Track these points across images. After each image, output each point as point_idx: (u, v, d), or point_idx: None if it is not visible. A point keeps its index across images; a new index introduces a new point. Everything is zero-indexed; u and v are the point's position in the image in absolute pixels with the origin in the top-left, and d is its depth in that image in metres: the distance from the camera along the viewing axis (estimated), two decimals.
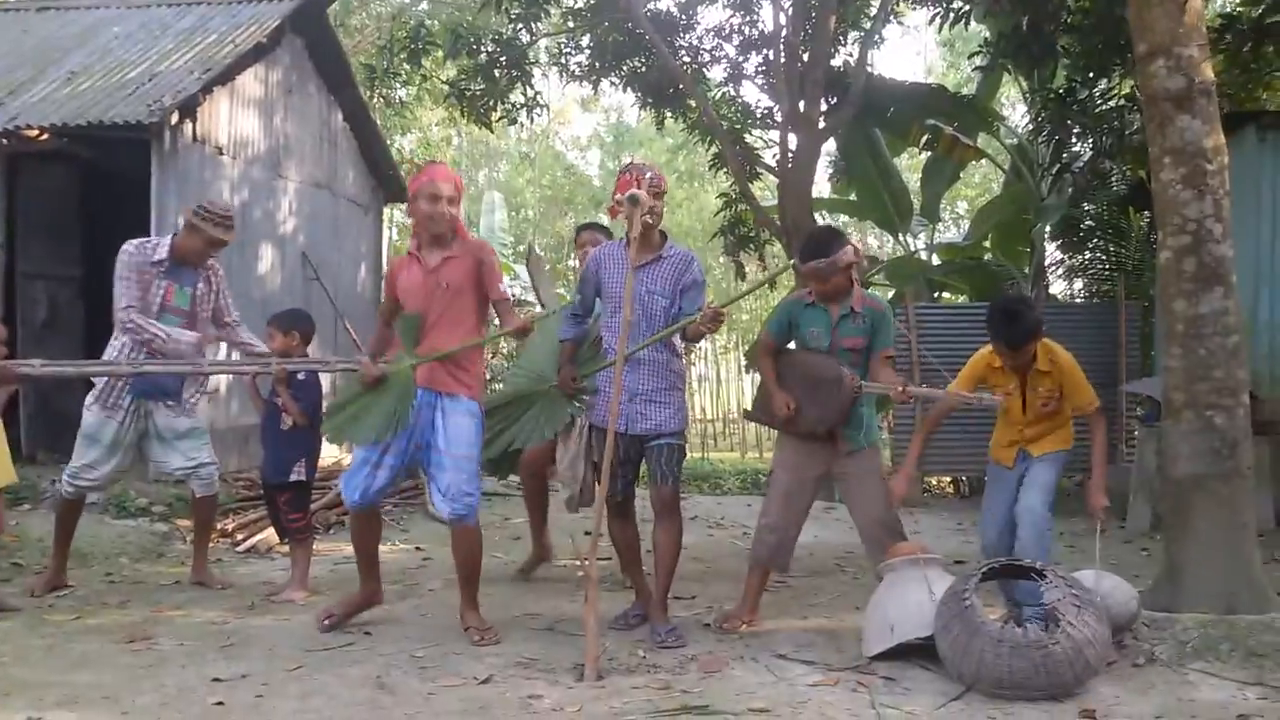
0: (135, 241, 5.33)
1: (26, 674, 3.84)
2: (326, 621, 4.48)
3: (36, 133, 8.28)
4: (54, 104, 8.71)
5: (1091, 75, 9.83)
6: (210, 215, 5.27)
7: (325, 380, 5.85)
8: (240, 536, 6.67)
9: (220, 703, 3.52)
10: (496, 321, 4.95)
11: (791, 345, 4.76)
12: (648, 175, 4.43)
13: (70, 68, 9.47)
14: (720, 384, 25.45)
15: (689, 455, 4.77)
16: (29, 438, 8.41)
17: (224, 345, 8.76)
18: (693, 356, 5.08)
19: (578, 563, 5.99)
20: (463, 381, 4.38)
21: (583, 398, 4.81)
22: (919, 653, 3.98)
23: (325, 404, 5.08)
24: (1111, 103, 10.15)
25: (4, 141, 8.39)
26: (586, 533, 5.58)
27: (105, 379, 5.21)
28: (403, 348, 4.44)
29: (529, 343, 5.28)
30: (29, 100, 8.83)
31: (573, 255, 30.36)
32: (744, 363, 18.86)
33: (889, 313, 4.61)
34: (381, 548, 6.53)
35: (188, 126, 8.67)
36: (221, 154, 9.20)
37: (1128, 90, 9.87)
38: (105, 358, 5.22)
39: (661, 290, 4.48)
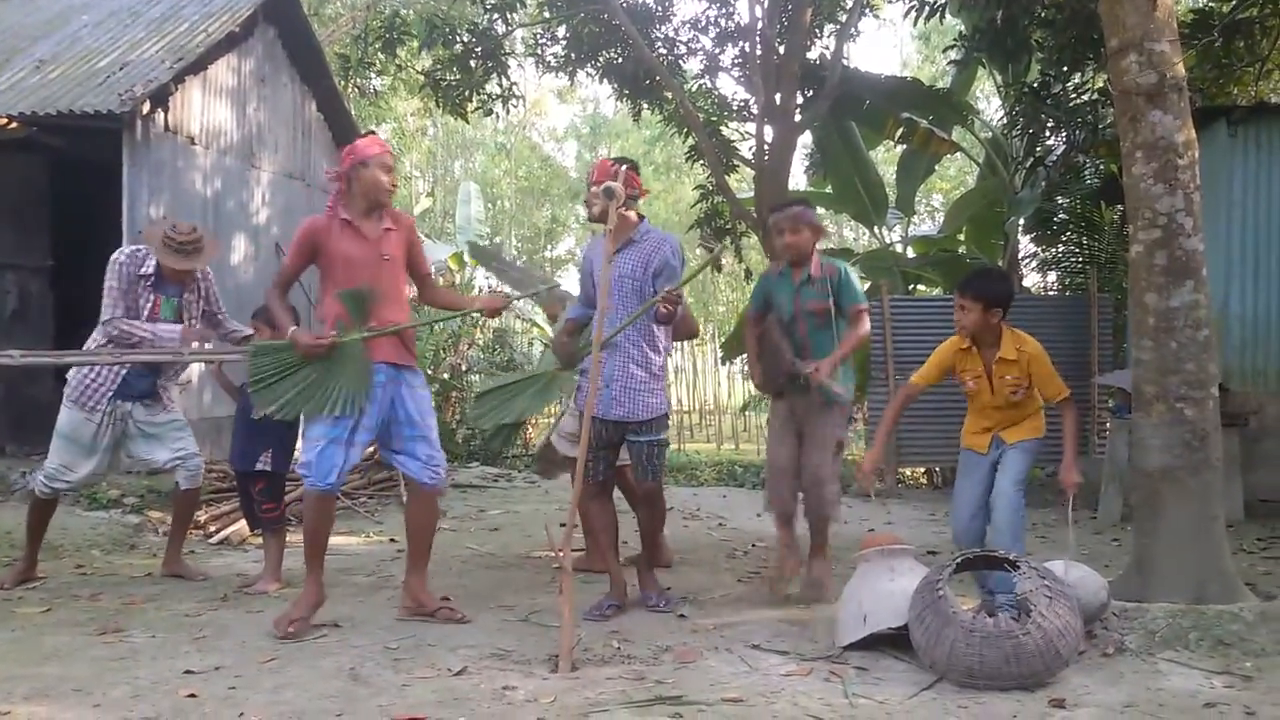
0: (127, 250, 5.28)
1: None
2: (291, 629, 4.24)
3: (5, 121, 8.19)
4: (22, 92, 8.62)
5: (1065, 70, 9.90)
6: (168, 241, 5.15)
7: None
8: (213, 528, 6.63)
9: (193, 695, 3.49)
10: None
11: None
12: (622, 168, 4.54)
13: (39, 56, 9.37)
14: (697, 375, 25.49)
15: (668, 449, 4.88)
16: None
17: None
18: (666, 348, 5.10)
19: (552, 554, 6.02)
20: (413, 353, 4.49)
21: (576, 373, 4.98)
22: (891, 642, 4.00)
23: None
24: (1085, 97, 10.22)
25: None
26: (561, 524, 5.59)
27: (84, 379, 5.16)
28: (348, 320, 4.30)
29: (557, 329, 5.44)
30: None
31: (550, 247, 30.25)
32: (720, 354, 18.89)
33: (846, 271, 4.94)
34: (355, 539, 6.55)
35: (159, 116, 8.60)
36: (194, 144, 9.13)
37: (1101, 85, 9.94)
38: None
39: (632, 274, 4.56)
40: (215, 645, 4.13)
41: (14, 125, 8.21)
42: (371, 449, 5.27)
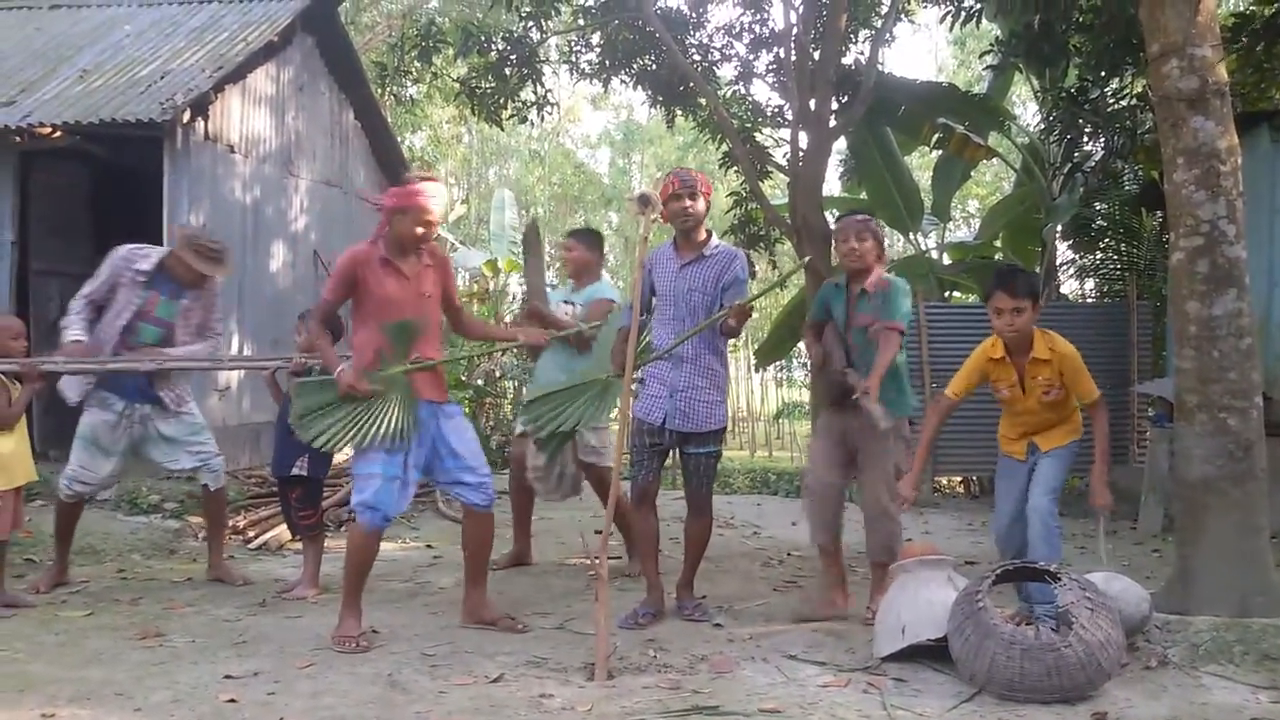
0: (129, 246, 5.36)
1: (40, 670, 3.85)
2: (346, 645, 4.21)
3: (49, 130, 8.31)
4: (66, 102, 8.75)
5: (1103, 75, 9.79)
6: (200, 248, 5.24)
7: None
8: (252, 534, 6.69)
9: (232, 700, 3.52)
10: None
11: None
12: (685, 178, 4.63)
13: (82, 65, 9.51)
14: (730, 383, 25.43)
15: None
16: (40, 434, 8.44)
17: (234, 341, 8.83)
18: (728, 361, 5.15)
19: (588, 561, 6.03)
20: (445, 388, 4.55)
21: (637, 382, 4.88)
22: (930, 654, 3.97)
23: None
24: (1123, 102, 10.11)
25: (17, 139, 8.42)
26: (597, 531, 5.59)
27: (92, 379, 5.23)
28: (390, 354, 4.33)
29: (604, 332, 5.31)
30: (41, 98, 8.88)
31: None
32: (753, 362, 18.83)
33: (898, 288, 4.76)
34: (392, 545, 6.58)
35: (200, 124, 8.71)
36: (233, 152, 9.23)
37: (1140, 90, 9.84)
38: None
39: (703, 288, 4.64)
40: (254, 650, 4.16)
41: (58, 134, 8.33)
42: None
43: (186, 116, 8.43)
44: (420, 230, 4.31)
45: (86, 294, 5.28)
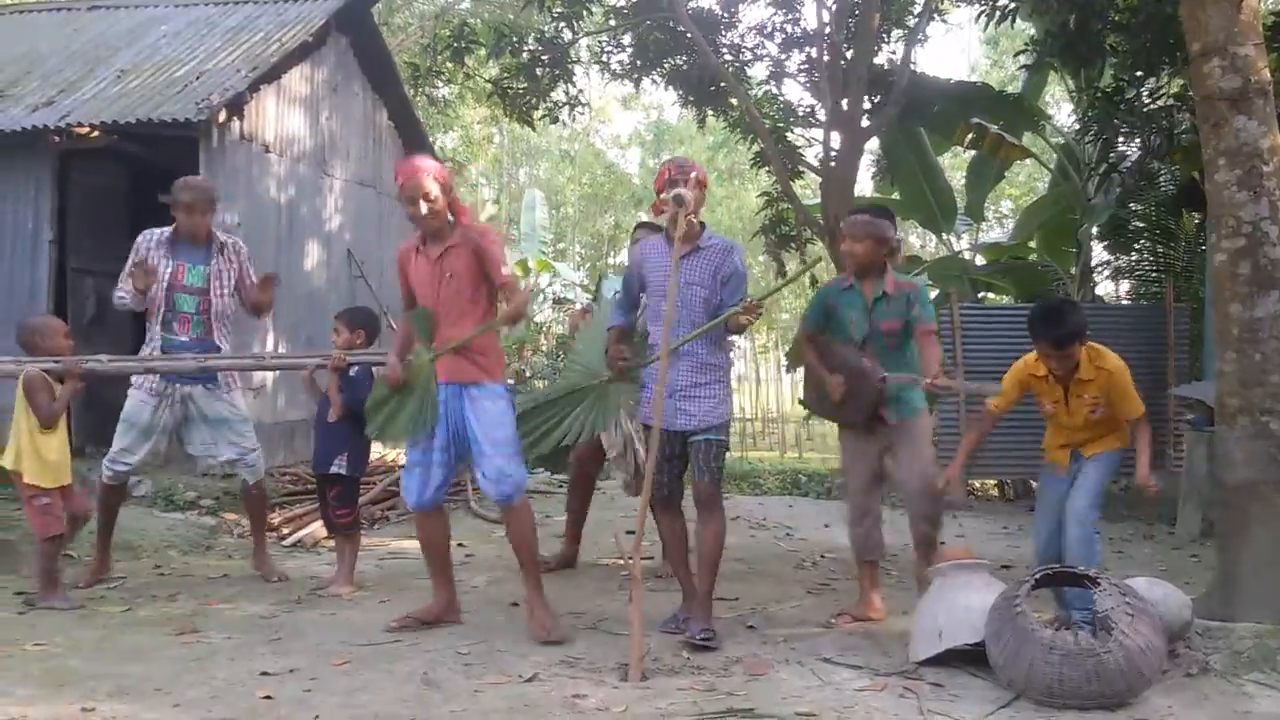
0: (149, 230, 5.50)
1: (79, 665, 3.89)
2: (395, 624, 4.46)
3: (87, 130, 8.40)
4: (104, 102, 8.84)
5: (1140, 74, 9.68)
6: (177, 190, 5.42)
7: None
8: (286, 531, 6.73)
9: (269, 697, 3.54)
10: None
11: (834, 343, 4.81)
12: (691, 173, 4.41)
13: (120, 66, 9.61)
14: (759, 384, 25.40)
15: (728, 454, 4.70)
16: (79, 430, 8.54)
17: (269, 339, 8.89)
18: (731, 355, 5.03)
19: (621, 561, 6.02)
20: (483, 367, 4.39)
21: (634, 387, 4.78)
22: (967, 659, 3.93)
23: None
24: (1160, 102, 9.99)
25: (56, 139, 8.52)
26: (629, 531, 5.58)
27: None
28: (420, 342, 4.46)
29: (581, 337, 5.26)
30: (80, 98, 8.97)
31: (613, 253, 30.30)
32: (784, 363, 18.78)
33: (922, 290, 4.68)
34: None
35: (235, 124, 8.77)
36: (268, 151, 9.29)
37: (1177, 89, 9.72)
38: (143, 349, 5.39)
39: (700, 281, 4.42)
40: (290, 647, 4.18)
41: (96, 134, 8.42)
42: None
43: (222, 116, 8.49)
44: (412, 209, 4.30)
45: (121, 286, 5.40)
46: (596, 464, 5.97)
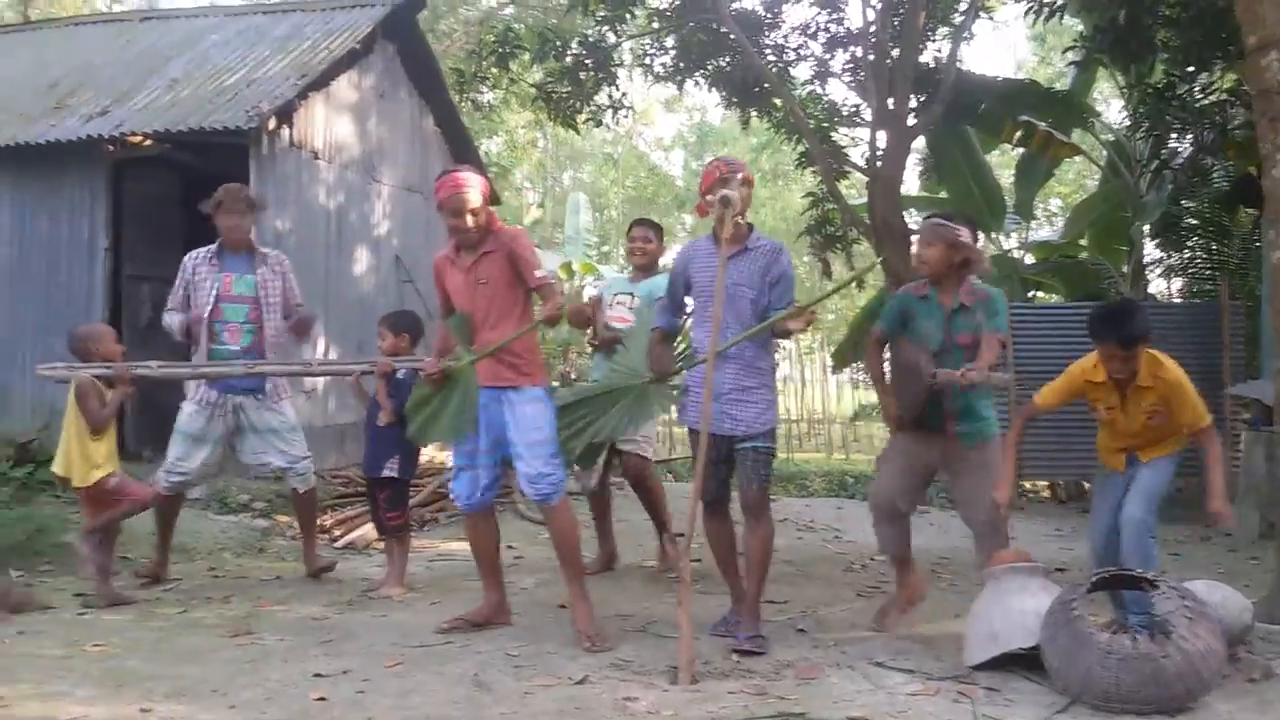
0: (194, 250, 5.58)
1: (137, 665, 3.95)
2: (446, 625, 4.52)
3: (140, 139, 8.55)
4: (156, 111, 8.99)
5: (1191, 70, 9.53)
6: (220, 199, 5.49)
7: None
8: (338, 533, 6.80)
9: (322, 698, 3.57)
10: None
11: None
12: (738, 173, 4.33)
13: (171, 75, 9.76)
14: (805, 385, 25.30)
15: (774, 457, 4.62)
16: (135, 436, 8.69)
17: (320, 344, 8.98)
18: (777, 356, 5.02)
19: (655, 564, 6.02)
20: (522, 371, 4.40)
21: (674, 389, 4.70)
22: (1021, 663, 3.87)
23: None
24: (1212, 97, 9.83)
25: (110, 148, 8.67)
26: (679, 534, 5.57)
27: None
28: (460, 346, 4.50)
29: (627, 338, 5.25)
30: (133, 108, 9.13)
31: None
32: (829, 364, 18.69)
33: (998, 298, 4.48)
34: None
35: (284, 131, 8.88)
36: (317, 158, 9.39)
37: (1229, 85, 9.56)
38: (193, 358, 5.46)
39: (749, 283, 4.35)
40: (342, 649, 4.22)
41: (149, 143, 8.57)
42: None
43: (272, 124, 8.60)
44: (454, 222, 4.36)
45: (171, 306, 5.51)
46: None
